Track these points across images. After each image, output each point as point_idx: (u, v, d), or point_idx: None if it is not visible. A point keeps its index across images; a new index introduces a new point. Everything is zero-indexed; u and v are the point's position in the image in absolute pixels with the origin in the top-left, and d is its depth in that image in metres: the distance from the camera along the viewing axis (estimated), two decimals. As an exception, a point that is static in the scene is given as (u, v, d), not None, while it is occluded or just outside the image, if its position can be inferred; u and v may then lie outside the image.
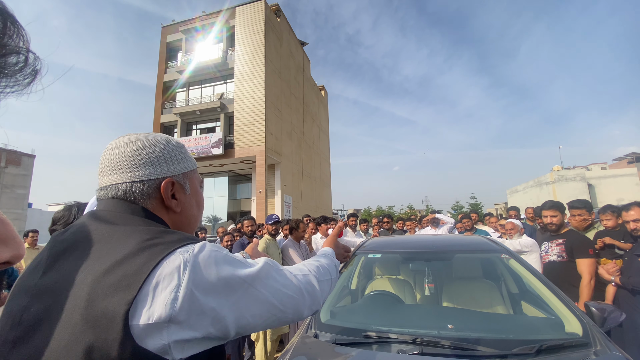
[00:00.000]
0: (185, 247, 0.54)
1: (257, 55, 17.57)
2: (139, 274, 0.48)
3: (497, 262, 2.29)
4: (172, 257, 0.51)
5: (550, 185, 25.37)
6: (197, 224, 0.75)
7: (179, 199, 0.67)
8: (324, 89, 30.16)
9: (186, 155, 0.72)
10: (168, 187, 0.65)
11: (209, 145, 17.19)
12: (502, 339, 1.42)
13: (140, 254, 0.51)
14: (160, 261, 0.50)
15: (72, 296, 0.47)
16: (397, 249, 2.56)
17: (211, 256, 0.55)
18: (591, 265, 2.42)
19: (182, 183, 0.68)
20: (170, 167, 0.66)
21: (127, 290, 0.47)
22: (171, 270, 0.50)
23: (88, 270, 0.49)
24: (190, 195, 0.71)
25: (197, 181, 0.74)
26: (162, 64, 20.24)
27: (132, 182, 0.62)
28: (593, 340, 1.33)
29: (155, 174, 0.64)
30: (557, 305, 1.62)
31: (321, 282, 0.75)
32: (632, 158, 34.45)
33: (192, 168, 0.72)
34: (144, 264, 0.49)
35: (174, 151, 0.68)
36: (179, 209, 0.67)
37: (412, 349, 1.36)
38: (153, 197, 0.64)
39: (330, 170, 30.20)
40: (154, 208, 0.64)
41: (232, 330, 0.55)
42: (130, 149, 0.63)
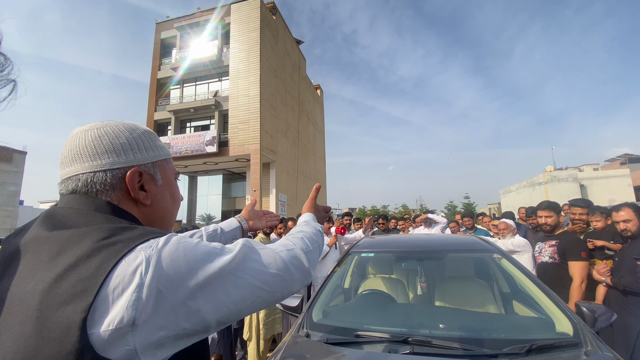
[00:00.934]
0: (148, 243, 0.49)
1: (252, 53, 17.48)
2: (94, 276, 0.44)
3: (489, 262, 2.30)
4: (132, 255, 0.46)
5: (542, 185, 25.67)
6: (173, 218, 0.69)
7: (148, 190, 0.62)
8: (319, 88, 30.13)
9: (157, 143, 0.66)
10: (135, 177, 0.59)
11: (203, 143, 17.06)
12: (493, 338, 1.42)
13: (96, 254, 0.46)
14: (119, 260, 0.45)
15: (24, 305, 0.43)
16: (390, 248, 2.56)
17: (179, 248, 0.50)
18: (583, 268, 2.44)
19: (151, 173, 0.63)
20: (137, 156, 0.60)
21: (83, 296, 0.42)
22: (132, 270, 0.45)
23: (39, 277, 0.45)
24: (163, 186, 0.65)
25: (171, 172, 0.69)
26: (156, 60, 20.04)
27: (94, 172, 0.56)
28: (584, 340, 1.33)
29: (120, 163, 0.58)
30: (548, 305, 1.63)
31: (308, 252, 0.70)
32: (624, 159, 35.00)
33: (163, 157, 0.67)
34: (100, 265, 0.45)
35: (141, 138, 0.63)
36: (149, 201, 0.62)
37: (403, 348, 1.35)
38: (118, 188, 0.58)
39: (325, 169, 30.20)
40: (119, 201, 0.58)
41: (213, 322, 0.50)
42: (92, 137, 0.58)
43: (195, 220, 20.56)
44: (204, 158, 17.61)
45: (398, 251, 2.51)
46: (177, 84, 19.52)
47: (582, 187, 25.14)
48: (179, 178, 0.74)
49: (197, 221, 20.59)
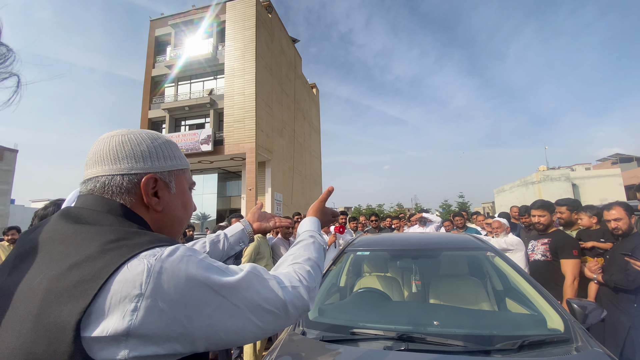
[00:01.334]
0: (153, 251, 0.49)
1: (247, 51, 17.39)
2: (95, 279, 0.44)
3: (483, 260, 2.33)
4: (135, 262, 0.46)
5: (536, 185, 25.95)
6: (183, 226, 0.71)
7: (161, 197, 0.64)
8: (315, 87, 30.09)
9: (176, 154, 0.69)
10: (149, 184, 0.61)
11: (198, 142, 16.96)
12: (486, 334, 1.44)
13: (101, 256, 0.46)
14: (121, 265, 0.45)
15: (27, 301, 0.43)
16: (385, 247, 2.57)
17: (182, 261, 0.49)
18: (575, 266, 2.47)
19: (166, 181, 0.65)
20: (155, 164, 0.63)
21: (81, 297, 0.42)
22: (133, 277, 0.45)
23: (45, 274, 0.45)
24: (176, 195, 0.67)
25: (186, 182, 0.71)
26: (151, 58, 19.85)
27: (112, 176, 0.59)
28: (574, 336, 1.36)
29: (138, 169, 0.61)
30: (540, 302, 1.66)
31: (312, 290, 0.67)
32: (615, 159, 35.52)
33: (181, 167, 0.69)
34: (103, 268, 0.45)
35: (161, 147, 0.66)
36: (161, 207, 0.64)
37: (398, 345, 1.36)
38: (132, 192, 0.60)
39: (321, 168, 30.20)
40: (132, 205, 0.60)
41: (202, 347, 0.50)
42: (116, 142, 0.61)
43: (190, 219, 20.43)
44: (199, 157, 17.50)
45: (393, 250, 2.52)
46: (171, 82, 19.37)
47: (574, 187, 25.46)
48: (194, 188, 0.76)
49: (192, 220, 20.47)
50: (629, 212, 2.37)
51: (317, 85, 30.38)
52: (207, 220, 20.17)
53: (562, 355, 1.25)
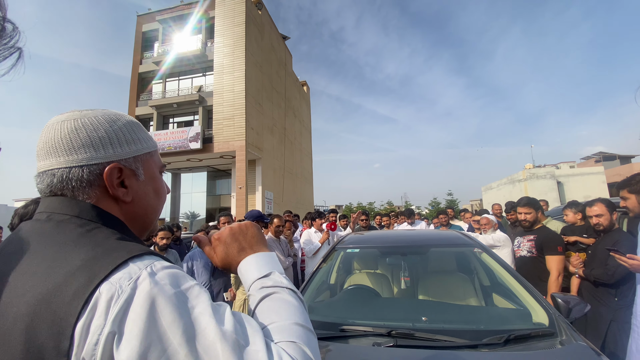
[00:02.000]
0: (131, 268, 0.44)
1: (237, 47, 17.19)
2: (68, 317, 0.41)
3: (470, 256, 2.36)
4: (107, 287, 0.42)
5: (522, 182, 26.48)
6: (157, 214, 0.66)
7: (129, 186, 0.58)
8: (306, 85, 29.99)
9: (140, 135, 0.62)
10: (113, 174, 0.55)
11: (186, 140, 16.71)
12: (473, 329, 1.46)
13: (70, 282, 0.42)
14: (95, 288, 0.42)
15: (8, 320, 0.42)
16: (375, 244, 2.58)
17: (154, 290, 0.42)
18: (560, 262, 2.53)
19: (133, 168, 0.59)
20: (117, 150, 0.57)
21: (59, 337, 0.40)
22: (103, 304, 0.41)
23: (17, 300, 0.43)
24: (146, 181, 0.61)
25: (155, 166, 0.65)
26: (138, 54, 19.44)
27: (69, 168, 0.53)
28: (559, 330, 1.38)
29: (98, 158, 0.54)
30: (525, 297, 1.69)
31: None
32: (599, 157, 36.51)
33: (147, 150, 0.62)
34: (73, 298, 0.41)
35: (122, 131, 0.58)
36: (129, 198, 0.58)
37: (387, 341, 1.37)
38: (95, 185, 0.55)
39: (312, 167, 30.16)
40: (98, 199, 0.55)
41: None
42: (68, 129, 0.54)
43: (178, 218, 20.17)
44: (187, 155, 17.26)
45: (382, 247, 2.54)
46: (159, 79, 19.00)
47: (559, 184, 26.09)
48: (164, 171, 0.70)
49: (180, 219, 20.21)
50: (611, 208, 2.43)
51: (308, 83, 30.29)
52: (196, 220, 19.94)
53: (546, 349, 1.28)
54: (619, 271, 2.21)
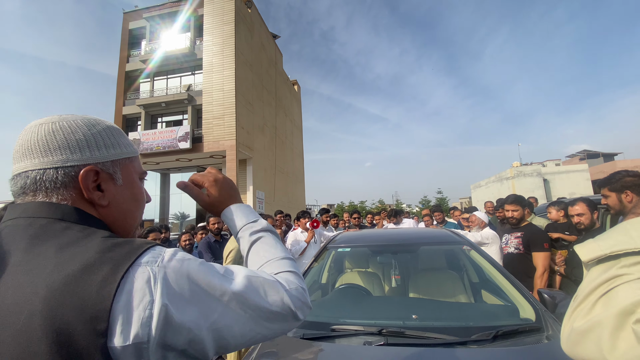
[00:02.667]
0: (152, 255, 0.49)
1: (227, 46, 17.03)
2: (103, 300, 0.43)
3: (460, 254, 2.39)
4: (140, 270, 0.46)
5: (510, 180, 27.00)
6: (135, 220, 0.66)
7: (106, 190, 0.58)
8: (296, 84, 29.92)
9: (120, 140, 0.62)
10: (89, 177, 0.55)
11: (175, 139, 16.49)
12: (462, 326, 1.47)
13: (93, 273, 0.45)
14: (124, 275, 0.45)
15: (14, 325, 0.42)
16: (365, 243, 2.59)
17: (183, 266, 0.50)
18: (545, 258, 2.57)
19: (110, 172, 0.59)
20: (94, 153, 0.56)
21: (97, 320, 0.42)
22: (141, 285, 0.45)
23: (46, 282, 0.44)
24: (124, 186, 0.61)
25: (134, 172, 0.65)
26: (124, 52, 19.07)
27: (44, 170, 0.53)
28: (545, 325, 1.41)
29: (73, 160, 0.54)
30: (513, 293, 1.72)
31: (306, 290, 0.66)
32: (583, 155, 37.50)
33: (126, 156, 0.62)
34: (102, 285, 0.44)
35: (101, 135, 0.58)
36: (106, 202, 0.58)
37: (377, 340, 1.37)
38: (70, 187, 0.54)
39: (303, 166, 30.13)
40: (73, 202, 0.54)
41: (212, 352, 0.50)
42: (45, 131, 0.54)
43: (168, 219, 19.90)
44: (176, 154, 17.03)
45: (373, 245, 2.55)
46: (147, 77, 18.68)
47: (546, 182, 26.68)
48: (145, 178, 0.70)
49: (170, 220, 19.94)
50: (592, 207, 2.47)
51: (298, 82, 30.22)
52: (186, 220, 19.70)
53: (533, 343, 1.30)
54: None
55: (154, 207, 19.76)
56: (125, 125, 18.59)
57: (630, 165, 26.17)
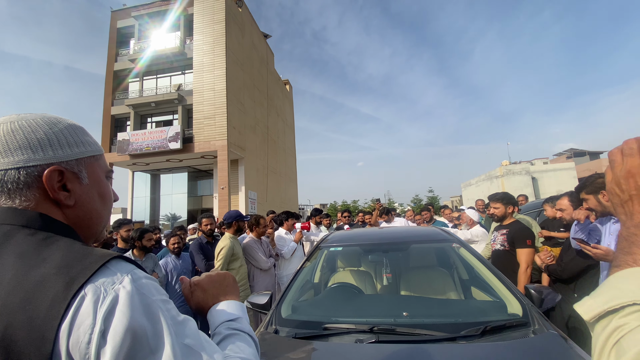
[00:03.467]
0: (112, 272, 0.47)
1: (217, 45, 16.89)
2: (50, 320, 0.42)
3: (450, 251, 2.42)
4: (93, 289, 0.44)
5: (499, 178, 27.45)
6: (103, 219, 0.64)
7: (72, 190, 0.56)
8: (288, 83, 29.85)
9: (84, 139, 0.60)
10: (53, 177, 0.54)
11: (165, 140, 16.28)
12: (451, 322, 1.50)
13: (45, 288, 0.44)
14: (77, 292, 0.43)
15: None
16: (357, 242, 2.61)
17: (138, 297, 0.47)
18: (528, 254, 2.62)
19: (75, 171, 0.57)
20: (57, 152, 0.55)
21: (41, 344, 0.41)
22: (88, 306, 0.43)
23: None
24: (90, 185, 0.60)
25: (100, 170, 0.63)
26: (113, 51, 18.74)
27: (5, 170, 0.51)
28: (532, 320, 1.44)
29: (36, 160, 0.53)
30: (501, 289, 1.75)
31: None
32: (570, 153, 38.34)
33: (91, 154, 0.61)
34: (53, 303, 0.42)
35: (63, 133, 0.57)
36: (72, 201, 0.56)
37: (369, 337, 1.39)
38: (34, 187, 0.53)
39: (296, 166, 30.08)
40: (37, 202, 0.53)
41: None
42: (4, 131, 0.53)
43: (159, 220, 19.65)
44: (167, 155, 16.82)
45: (365, 244, 2.57)
46: (136, 77, 18.39)
47: (534, 180, 27.21)
48: (111, 176, 0.68)
49: (161, 221, 19.70)
50: (574, 203, 2.49)
51: (290, 82, 30.15)
52: (177, 221, 19.48)
53: (520, 338, 1.33)
54: (569, 267, 2.30)
55: (144, 208, 19.50)
56: (114, 126, 18.28)
57: (614, 163, 26.82)
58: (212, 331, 0.67)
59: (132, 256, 3.13)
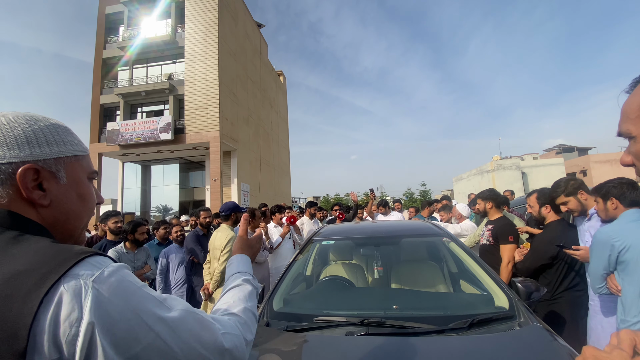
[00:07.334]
0: (90, 265, 0.47)
1: (209, 34, 16.55)
2: (22, 317, 0.42)
3: (440, 245, 2.46)
4: (72, 283, 0.44)
5: (490, 173, 27.80)
6: (81, 221, 0.62)
7: (48, 189, 0.55)
8: (282, 74, 29.52)
9: (65, 138, 0.59)
10: (28, 175, 0.53)
11: (156, 130, 16.02)
12: (440, 315, 1.53)
13: (17, 286, 0.43)
14: (52, 287, 0.43)
15: None
16: (349, 236, 2.63)
17: (121, 285, 0.48)
18: (510, 250, 2.68)
19: (53, 170, 0.56)
20: (35, 150, 0.54)
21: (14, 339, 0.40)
22: (70, 299, 0.43)
23: None
24: (68, 186, 0.59)
25: (82, 171, 0.62)
26: (101, 38, 18.23)
27: None
28: (518, 313, 1.48)
29: (11, 157, 0.52)
30: (488, 283, 1.79)
31: (249, 343, 0.66)
32: (559, 149, 39.00)
33: (72, 154, 0.60)
34: (25, 300, 0.42)
35: (43, 132, 0.56)
36: (47, 201, 0.55)
37: (359, 330, 1.41)
38: (7, 185, 0.52)
39: (289, 158, 29.98)
40: (10, 201, 0.52)
41: None
42: None
43: (150, 212, 19.46)
44: (157, 146, 16.58)
45: (357, 238, 2.59)
46: (125, 65, 17.96)
47: (524, 175, 27.63)
48: (94, 177, 0.67)
49: (152, 212, 19.52)
50: (541, 200, 2.49)
51: (286, 74, 29.84)
52: (168, 213, 19.32)
53: (506, 330, 1.37)
54: (525, 266, 2.40)
55: (135, 199, 19.27)
56: (103, 115, 17.90)
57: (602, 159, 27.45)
58: (229, 275, 0.84)
59: (124, 249, 3.10)
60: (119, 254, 3.04)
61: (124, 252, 3.09)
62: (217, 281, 3.00)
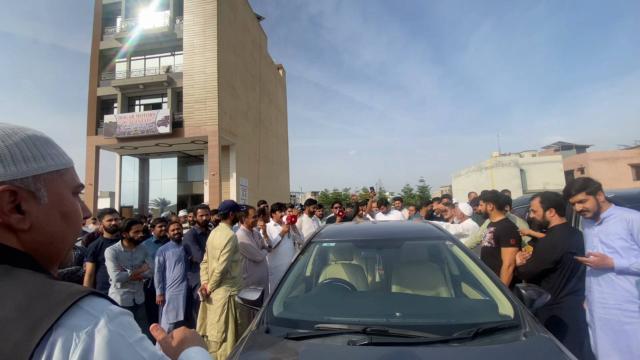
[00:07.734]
0: (85, 313, 0.43)
1: (209, 26, 16.32)
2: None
3: (442, 248, 2.42)
4: (63, 335, 0.41)
5: (489, 170, 27.78)
6: (67, 243, 0.56)
7: (27, 211, 0.49)
8: (281, 68, 29.25)
9: (45, 151, 0.52)
10: (3, 198, 0.47)
11: (154, 123, 15.87)
12: (444, 324, 1.50)
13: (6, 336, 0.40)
14: (42, 339, 0.39)
15: None
16: (350, 237, 2.59)
17: (114, 340, 0.43)
18: (511, 253, 2.65)
19: (32, 190, 0.50)
20: (9, 169, 0.47)
21: None
22: (58, 355, 0.40)
23: None
24: (50, 205, 0.52)
25: (65, 186, 0.55)
26: (98, 28, 17.94)
27: None
28: (523, 322, 1.45)
29: None
30: (491, 288, 1.76)
31: None
32: (558, 146, 38.97)
33: (53, 169, 0.53)
34: (14, 353, 0.39)
35: (19, 147, 0.49)
36: (27, 225, 0.49)
37: (362, 339, 1.38)
38: None
39: (288, 153, 29.86)
40: None
41: None
42: None
43: (148, 206, 19.39)
44: (156, 139, 16.44)
45: (357, 240, 2.55)
46: (123, 57, 17.71)
47: (522, 172, 27.64)
48: (81, 191, 0.60)
49: (150, 206, 19.44)
50: (545, 203, 2.46)
51: (286, 67, 29.58)
52: (167, 207, 19.26)
53: (512, 341, 1.33)
54: (527, 270, 2.39)
55: (133, 193, 19.18)
56: (100, 107, 17.70)
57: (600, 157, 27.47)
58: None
59: (121, 247, 3.06)
60: (116, 252, 3.00)
61: (122, 251, 3.05)
62: (216, 281, 2.96)
